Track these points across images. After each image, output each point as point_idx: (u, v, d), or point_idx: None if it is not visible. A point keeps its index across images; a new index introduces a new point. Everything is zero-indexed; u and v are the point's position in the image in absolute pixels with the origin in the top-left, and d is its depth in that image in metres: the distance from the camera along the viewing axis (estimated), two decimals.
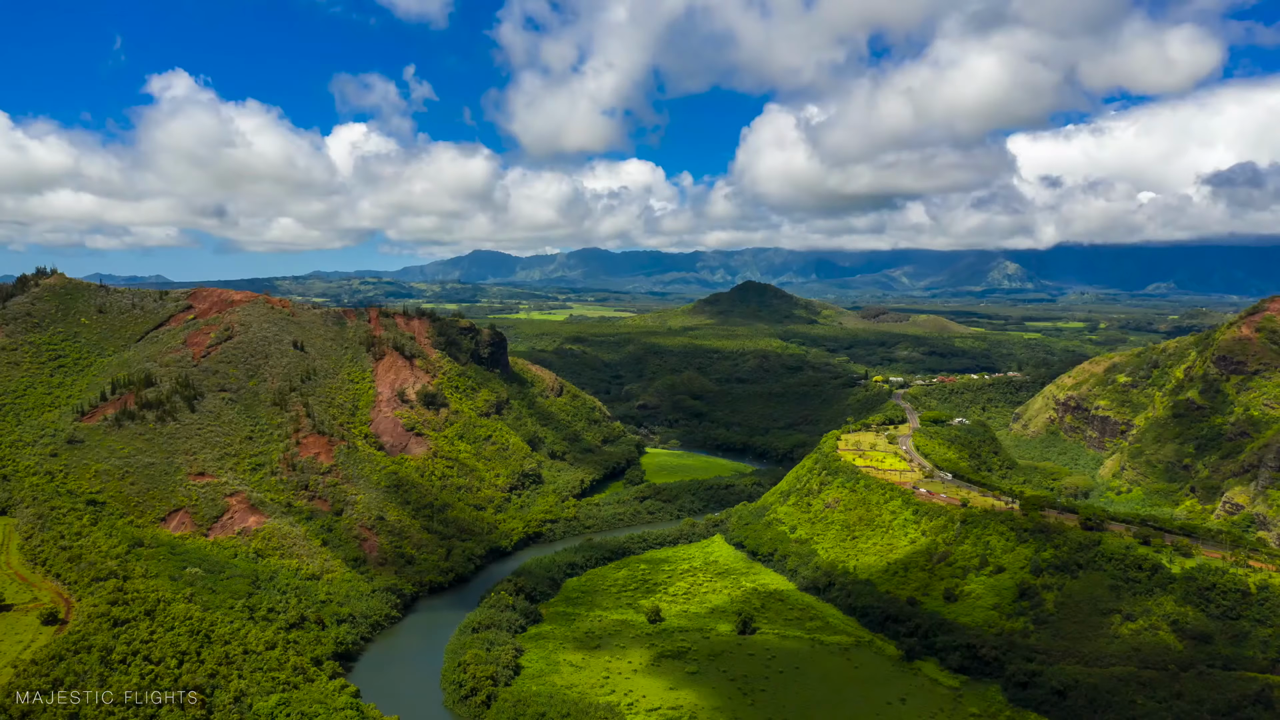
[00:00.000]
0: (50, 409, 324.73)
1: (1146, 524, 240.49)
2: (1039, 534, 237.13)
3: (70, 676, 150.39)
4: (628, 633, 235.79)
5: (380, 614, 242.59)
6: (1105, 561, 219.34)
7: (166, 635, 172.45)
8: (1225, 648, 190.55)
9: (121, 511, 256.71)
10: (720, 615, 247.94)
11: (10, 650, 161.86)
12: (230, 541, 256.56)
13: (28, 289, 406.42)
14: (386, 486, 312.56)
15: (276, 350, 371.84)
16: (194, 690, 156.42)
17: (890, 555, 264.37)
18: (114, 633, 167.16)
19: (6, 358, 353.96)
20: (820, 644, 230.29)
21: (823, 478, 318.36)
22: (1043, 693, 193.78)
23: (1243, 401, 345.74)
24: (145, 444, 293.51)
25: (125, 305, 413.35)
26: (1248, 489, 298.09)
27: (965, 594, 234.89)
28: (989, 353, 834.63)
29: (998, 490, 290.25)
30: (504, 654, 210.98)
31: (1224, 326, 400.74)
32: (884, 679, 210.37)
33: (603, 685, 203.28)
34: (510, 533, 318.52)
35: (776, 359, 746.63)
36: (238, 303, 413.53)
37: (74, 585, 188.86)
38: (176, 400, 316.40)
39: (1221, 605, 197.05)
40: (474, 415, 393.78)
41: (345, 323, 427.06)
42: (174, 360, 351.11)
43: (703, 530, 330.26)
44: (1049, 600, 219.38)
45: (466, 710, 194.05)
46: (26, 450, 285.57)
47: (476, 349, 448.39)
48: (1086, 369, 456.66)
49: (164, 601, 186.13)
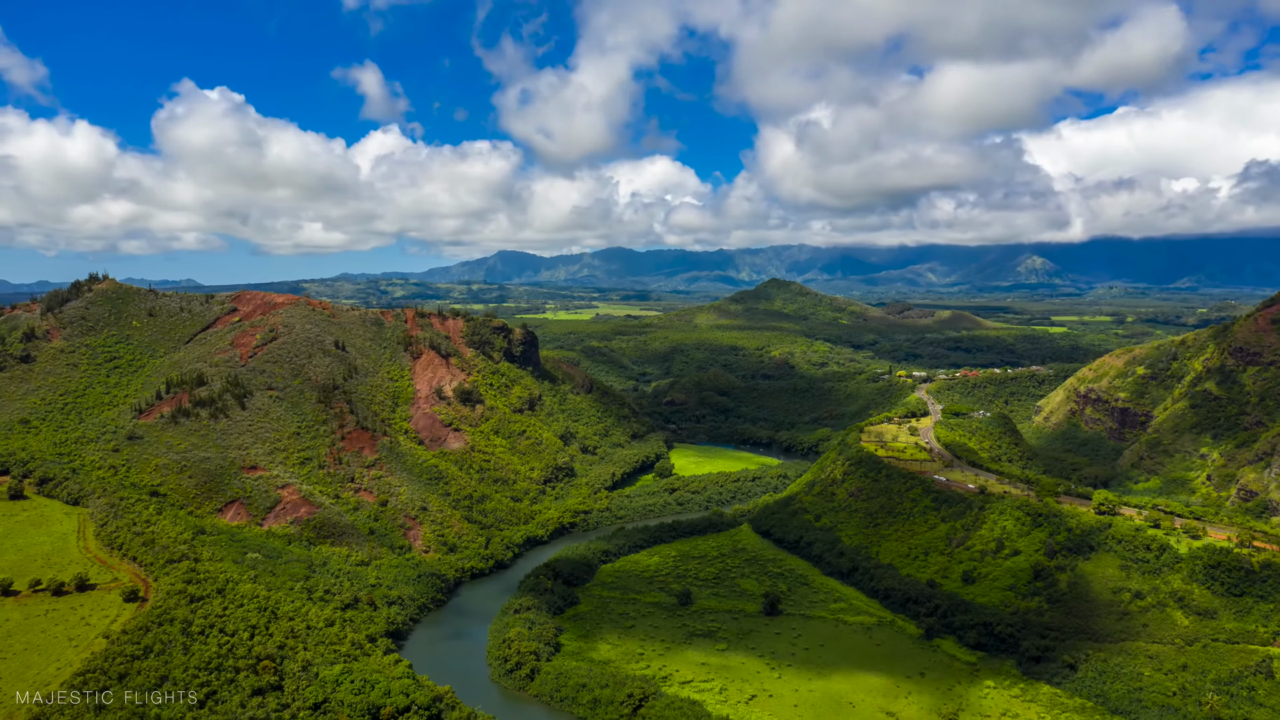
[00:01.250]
0: (109, 407, 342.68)
1: (1157, 509, 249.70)
2: (1053, 518, 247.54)
3: (158, 645, 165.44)
4: (660, 614, 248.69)
5: (426, 597, 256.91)
6: (1116, 543, 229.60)
7: (237, 611, 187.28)
8: (1229, 623, 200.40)
9: (181, 503, 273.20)
10: (748, 598, 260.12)
11: (99, 623, 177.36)
12: (284, 530, 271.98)
13: (81, 294, 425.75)
14: (427, 479, 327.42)
15: (319, 350, 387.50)
16: (266, 659, 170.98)
17: (911, 540, 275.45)
18: (191, 608, 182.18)
19: (66, 359, 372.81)
20: (844, 624, 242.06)
21: (846, 468, 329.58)
22: (1055, 666, 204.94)
23: (1258, 392, 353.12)
24: (200, 440, 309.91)
25: (174, 309, 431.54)
26: (1261, 476, 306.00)
27: (982, 576, 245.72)
28: (1013, 348, 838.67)
29: (1014, 478, 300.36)
30: (545, 632, 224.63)
31: (1242, 319, 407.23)
32: (904, 655, 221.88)
33: (638, 660, 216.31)
34: (546, 523, 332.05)
35: (801, 355, 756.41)
36: (280, 305, 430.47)
37: (150, 567, 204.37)
38: (227, 399, 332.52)
39: (1226, 583, 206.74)
40: (508, 411, 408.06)
41: (383, 323, 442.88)
42: (223, 361, 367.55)
43: (730, 520, 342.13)
44: (1062, 580, 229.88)
45: (512, 683, 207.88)
46: (90, 446, 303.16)
47: (509, 347, 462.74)
48: (1107, 362, 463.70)
49: (232, 581, 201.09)
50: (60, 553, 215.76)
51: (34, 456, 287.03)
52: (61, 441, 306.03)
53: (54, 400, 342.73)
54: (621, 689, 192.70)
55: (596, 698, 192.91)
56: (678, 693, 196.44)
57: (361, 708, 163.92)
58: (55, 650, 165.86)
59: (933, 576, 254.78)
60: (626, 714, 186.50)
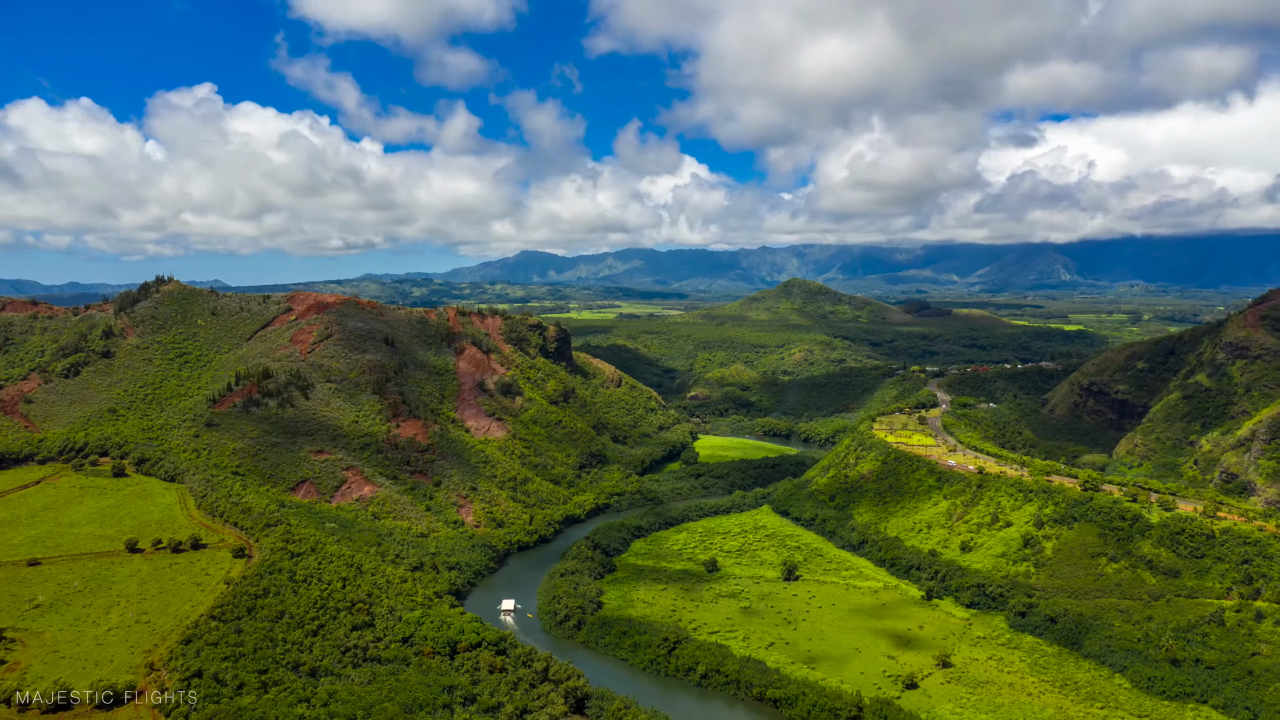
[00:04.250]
0: (184, 398, 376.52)
1: (1137, 485, 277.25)
2: (1043, 494, 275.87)
3: (272, 589, 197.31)
4: (689, 579, 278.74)
5: (480, 564, 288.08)
6: (1096, 514, 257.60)
7: (329, 566, 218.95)
8: (1190, 580, 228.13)
9: (258, 482, 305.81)
10: (768, 566, 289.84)
11: (217, 573, 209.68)
12: (351, 507, 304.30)
13: (150, 295, 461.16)
14: (475, 463, 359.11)
15: (371, 346, 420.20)
16: (359, 603, 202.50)
17: (915, 516, 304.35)
18: (293, 562, 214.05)
19: (141, 355, 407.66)
20: (854, 587, 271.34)
21: (858, 453, 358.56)
22: (1037, 619, 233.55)
23: (1245, 384, 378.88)
24: (271, 426, 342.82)
25: (234, 308, 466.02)
26: (1242, 460, 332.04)
27: (978, 545, 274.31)
28: (1027, 345, 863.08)
29: (1011, 460, 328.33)
30: (588, 591, 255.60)
31: (1234, 316, 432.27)
32: (907, 613, 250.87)
33: (670, 615, 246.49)
34: (583, 503, 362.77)
35: (820, 352, 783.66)
36: (331, 305, 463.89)
37: (250, 530, 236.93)
38: (292, 390, 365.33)
39: (1189, 546, 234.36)
40: (545, 403, 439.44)
41: (427, 321, 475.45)
42: (285, 356, 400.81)
43: (752, 502, 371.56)
44: (1048, 548, 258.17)
45: (561, 632, 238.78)
46: (174, 432, 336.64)
47: (544, 344, 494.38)
48: (1109, 356, 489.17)
49: (321, 543, 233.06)
50: (169, 519, 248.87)
51: (127, 441, 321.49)
52: (148, 428, 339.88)
53: (135, 391, 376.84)
54: (658, 634, 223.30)
55: (636, 642, 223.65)
56: (706, 639, 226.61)
57: (441, 641, 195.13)
58: (186, 593, 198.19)
59: (934, 547, 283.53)
60: (663, 655, 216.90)
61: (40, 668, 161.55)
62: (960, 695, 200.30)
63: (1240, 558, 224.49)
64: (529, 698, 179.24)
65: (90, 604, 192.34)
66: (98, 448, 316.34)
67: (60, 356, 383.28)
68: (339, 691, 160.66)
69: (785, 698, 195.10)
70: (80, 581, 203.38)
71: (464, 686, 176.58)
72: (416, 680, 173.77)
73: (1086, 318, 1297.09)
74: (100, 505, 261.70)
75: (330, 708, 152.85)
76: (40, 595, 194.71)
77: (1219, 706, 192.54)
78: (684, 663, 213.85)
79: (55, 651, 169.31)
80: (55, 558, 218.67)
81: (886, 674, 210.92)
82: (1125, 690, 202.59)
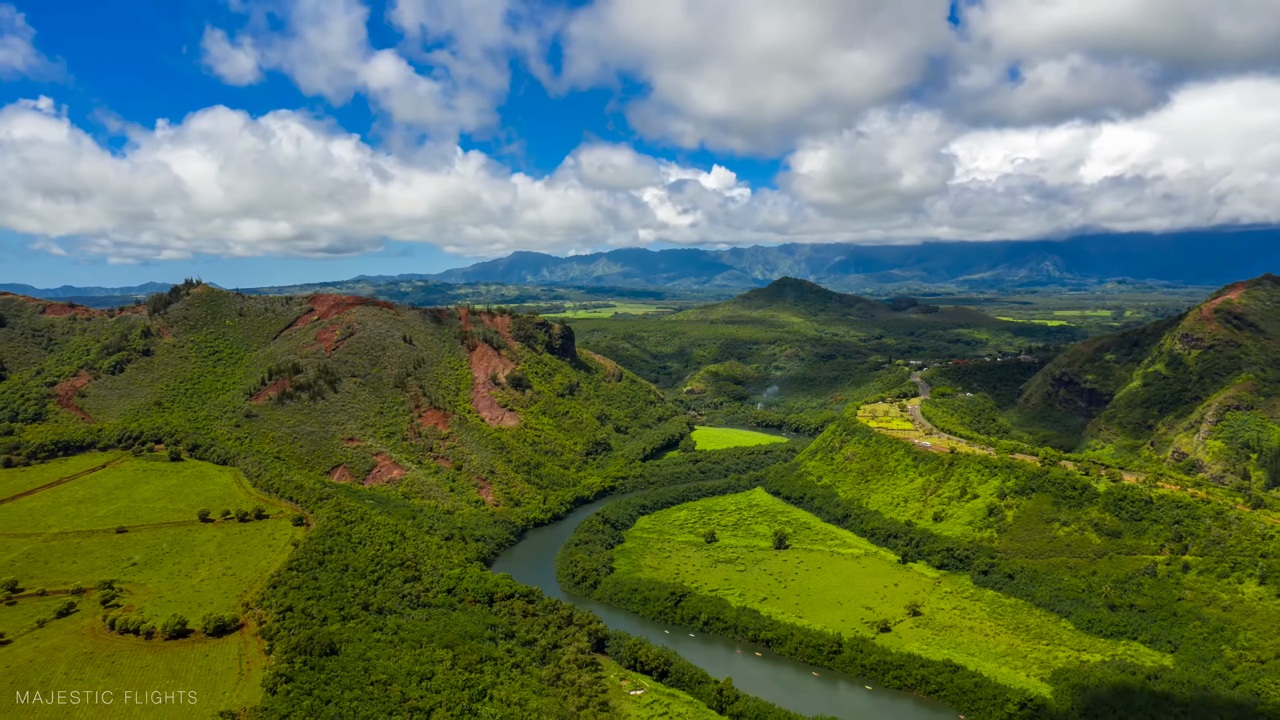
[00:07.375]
0: (222, 392, 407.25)
1: (1090, 461, 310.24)
2: (1006, 469, 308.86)
3: (334, 549, 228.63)
4: (690, 549, 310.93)
5: (502, 538, 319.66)
6: (1051, 485, 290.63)
7: (378, 533, 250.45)
8: (1130, 540, 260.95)
9: (298, 466, 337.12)
10: (761, 538, 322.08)
11: (282, 538, 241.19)
12: (382, 488, 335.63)
13: (180, 297, 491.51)
14: (492, 449, 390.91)
15: (390, 343, 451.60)
16: (408, 560, 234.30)
17: (894, 492, 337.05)
18: (348, 528, 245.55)
19: (178, 353, 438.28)
20: (837, 554, 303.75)
21: (843, 437, 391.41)
22: (998, 576, 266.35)
23: (1198, 372, 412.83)
24: (304, 417, 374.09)
25: (259, 309, 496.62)
26: (1191, 440, 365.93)
27: (949, 515, 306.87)
28: (1011, 340, 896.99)
29: (980, 440, 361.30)
30: (601, 557, 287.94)
31: (1192, 310, 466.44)
32: (884, 574, 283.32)
33: (674, 577, 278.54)
34: (590, 486, 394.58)
35: (810, 348, 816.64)
36: (350, 306, 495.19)
37: (304, 504, 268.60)
38: (321, 384, 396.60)
39: (1129, 511, 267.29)
40: (552, 395, 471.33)
41: (440, 320, 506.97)
42: (311, 353, 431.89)
43: (746, 483, 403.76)
44: (1009, 515, 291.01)
45: (579, 591, 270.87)
46: (217, 422, 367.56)
47: (550, 340, 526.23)
48: (1079, 349, 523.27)
49: (366, 514, 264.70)
50: (230, 496, 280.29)
51: (176, 430, 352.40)
52: (193, 419, 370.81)
53: (176, 386, 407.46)
54: (664, 590, 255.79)
55: (645, 597, 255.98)
56: (707, 594, 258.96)
57: (480, 592, 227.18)
58: (260, 553, 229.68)
59: (910, 518, 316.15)
60: (669, 606, 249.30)
61: (152, 609, 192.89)
62: (927, 636, 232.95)
63: (1172, 519, 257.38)
64: (558, 635, 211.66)
65: (179, 561, 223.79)
66: (152, 436, 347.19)
67: (105, 355, 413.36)
68: (404, 625, 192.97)
69: (776, 638, 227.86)
70: (166, 544, 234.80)
71: (503, 625, 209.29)
72: (464, 619, 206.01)
73: (1071, 314, 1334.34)
74: (166, 484, 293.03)
75: (400, 634, 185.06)
76: (135, 555, 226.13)
77: (1146, 642, 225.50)
78: (688, 613, 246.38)
79: (160, 597, 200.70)
80: (139, 526, 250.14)
81: (864, 620, 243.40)
82: (1069, 631, 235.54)
